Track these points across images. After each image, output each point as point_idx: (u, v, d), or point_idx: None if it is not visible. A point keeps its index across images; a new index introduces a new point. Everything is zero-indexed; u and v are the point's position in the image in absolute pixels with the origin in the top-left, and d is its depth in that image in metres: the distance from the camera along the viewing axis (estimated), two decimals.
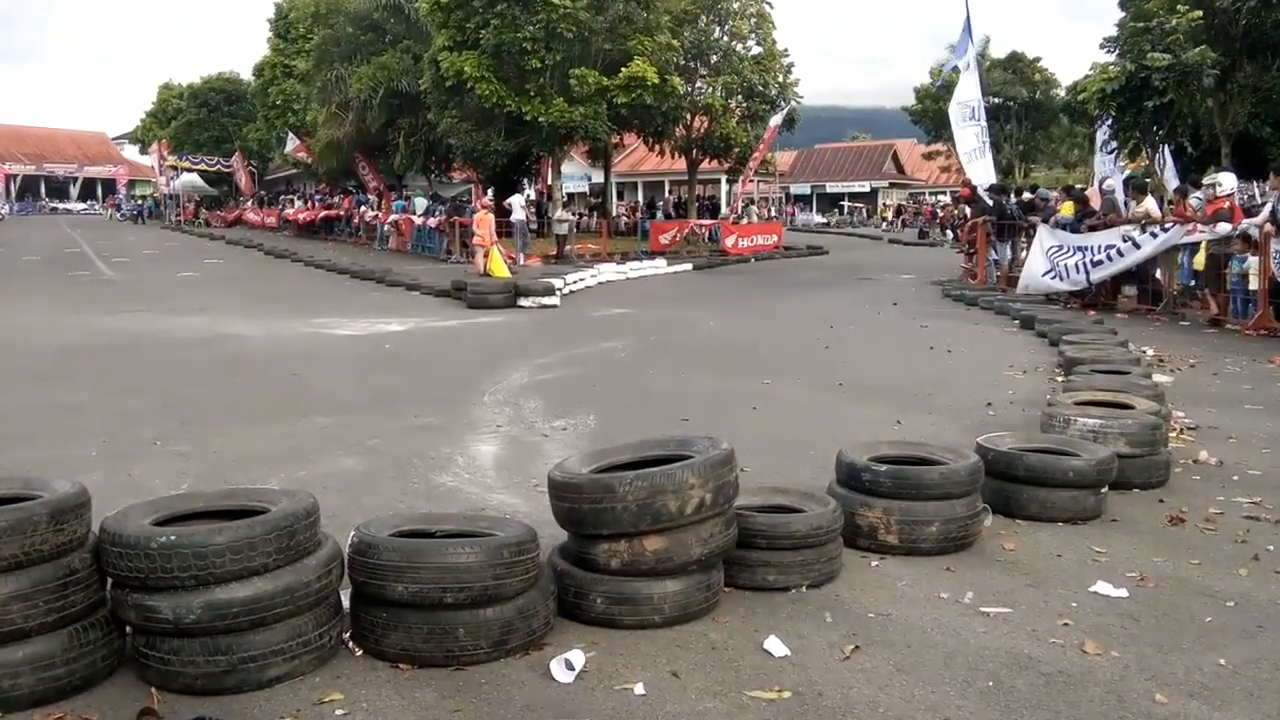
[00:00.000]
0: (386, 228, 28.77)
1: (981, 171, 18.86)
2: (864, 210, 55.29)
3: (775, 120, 27.31)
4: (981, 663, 3.48)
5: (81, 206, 64.60)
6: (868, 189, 57.00)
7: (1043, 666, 3.44)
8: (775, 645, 3.58)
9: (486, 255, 19.85)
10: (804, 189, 58.09)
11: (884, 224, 48.95)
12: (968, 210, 20.39)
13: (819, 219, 53.83)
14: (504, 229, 24.21)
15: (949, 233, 35.64)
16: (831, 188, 57.92)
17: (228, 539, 3.18)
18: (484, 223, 20.28)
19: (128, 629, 3.34)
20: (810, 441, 6.67)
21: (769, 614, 3.89)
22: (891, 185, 57.84)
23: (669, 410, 7.81)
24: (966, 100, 19.20)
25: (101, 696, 3.18)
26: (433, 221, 26.18)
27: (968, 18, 19.45)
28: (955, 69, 21.40)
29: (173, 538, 3.18)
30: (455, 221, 24.67)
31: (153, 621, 3.17)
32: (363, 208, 32.15)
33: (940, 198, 50.69)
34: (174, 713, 3.08)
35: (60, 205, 64.39)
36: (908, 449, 5.12)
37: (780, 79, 27.80)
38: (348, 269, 21.90)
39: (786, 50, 28.20)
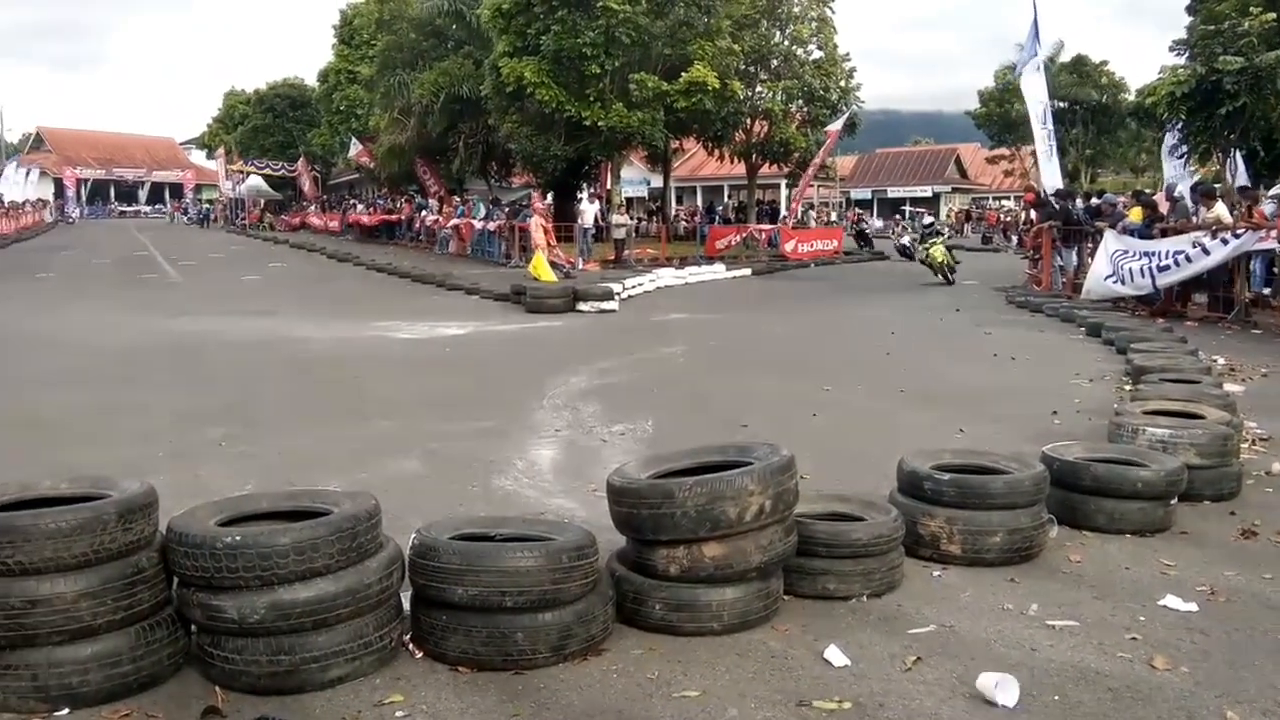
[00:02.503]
0: (447, 232, 29.12)
1: (1048, 175, 18.47)
2: (924, 215, 54.50)
3: (836, 125, 27.06)
4: (1047, 676, 3.39)
5: (149, 210, 66.39)
6: (929, 194, 56.17)
7: (1110, 681, 3.35)
8: (835, 655, 3.53)
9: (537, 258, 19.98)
10: (864, 194, 57.50)
11: (947, 230, 48.14)
12: (1033, 215, 19.98)
13: (879, 224, 53.24)
14: (565, 234, 24.38)
15: (1013, 238, 34.97)
16: (893, 192, 57.21)
17: (291, 540, 3.22)
18: (534, 227, 20.43)
19: (192, 627, 3.40)
20: (870, 449, 6.58)
21: (829, 623, 3.84)
22: (954, 190, 56.96)
23: (728, 416, 7.76)
24: (1035, 102, 18.84)
25: (167, 694, 3.23)
26: (492, 226, 26.44)
27: (1035, 20, 19.09)
28: (1020, 72, 20.98)
29: (238, 538, 3.22)
30: (514, 226, 24.89)
31: (217, 621, 3.22)
32: (423, 212, 32.58)
33: (1004, 203, 49.78)
34: (237, 711, 3.12)
35: (129, 209, 66.25)
36: (971, 457, 5.02)
37: (841, 83, 27.55)
38: (408, 273, 22.19)
39: (848, 54, 27.97)
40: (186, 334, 12.92)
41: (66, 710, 3.07)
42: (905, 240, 20.51)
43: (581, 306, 15.79)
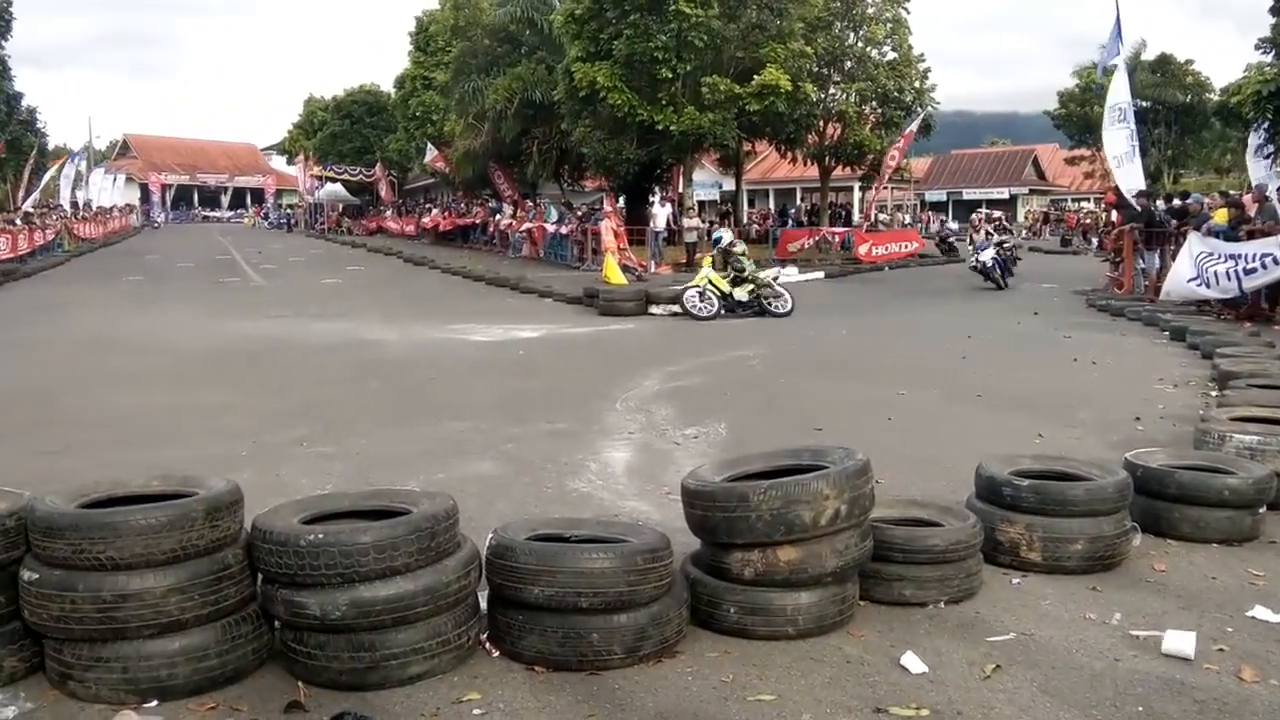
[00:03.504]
0: (519, 236, 29.44)
1: (1130, 176, 17.90)
2: (1004, 218, 53.19)
3: (911, 127, 26.60)
4: (1130, 687, 3.31)
5: (230, 215, 68.34)
6: (1006, 195, 54.88)
7: (1196, 693, 3.25)
8: (912, 661, 3.48)
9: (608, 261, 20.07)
10: (940, 195, 56.44)
11: (1024, 233, 46.89)
12: (1114, 216, 19.39)
13: (955, 226, 52.23)
14: (638, 237, 24.45)
15: (1093, 240, 34.01)
16: (969, 194, 56.01)
17: (372, 539, 3.28)
18: (605, 230, 20.53)
19: (276, 623, 3.48)
20: (946, 454, 6.47)
21: (906, 629, 3.79)
22: (1031, 192, 55.57)
23: (801, 419, 7.69)
24: (1116, 102, 18.27)
25: (251, 688, 3.32)
26: (564, 229, 26.65)
27: (1118, 19, 18.53)
28: (1106, 70, 20.38)
29: (320, 536, 3.29)
30: (586, 229, 25.04)
31: (300, 617, 3.29)
32: (497, 216, 32.98)
33: (1083, 204, 48.42)
34: (319, 706, 3.18)
35: (211, 214, 68.31)
36: (1051, 463, 4.93)
37: (916, 84, 27.09)
38: (482, 276, 22.50)
39: (923, 55, 27.49)
40: (268, 336, 13.28)
41: (155, 702, 3.17)
42: (986, 258, 19.63)
43: (654, 309, 15.82)
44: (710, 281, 15.34)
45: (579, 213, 28.49)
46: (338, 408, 8.51)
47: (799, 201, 44.04)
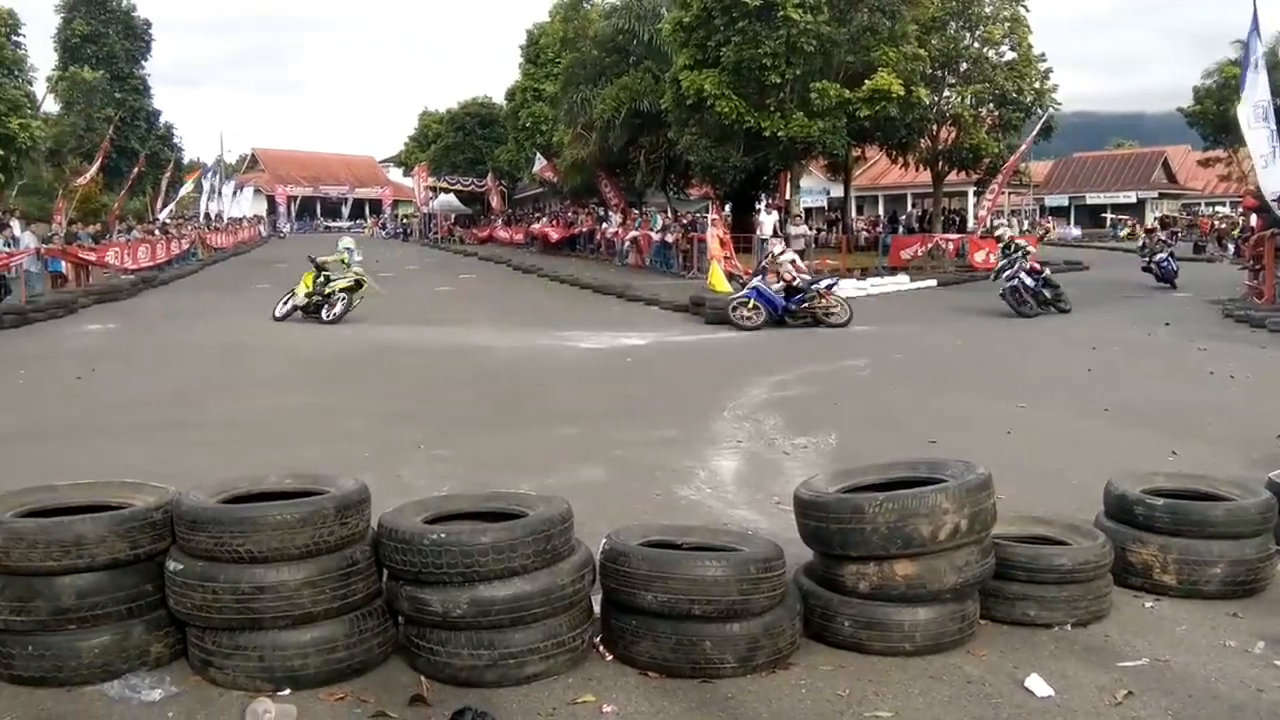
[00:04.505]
0: (626, 244, 29.67)
1: (1273, 179, 16.90)
2: (1128, 223, 50.88)
3: (1032, 129, 25.66)
4: None
5: (350, 225, 70.82)
6: (1134, 199, 52.51)
7: None
8: (1038, 684, 3.36)
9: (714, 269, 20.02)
10: (1061, 200, 54.38)
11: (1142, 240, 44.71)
12: (1254, 221, 18.34)
13: (1077, 232, 50.25)
14: (744, 245, 24.33)
15: (1229, 246, 32.23)
16: (1092, 198, 53.82)
17: (492, 540, 3.36)
18: (711, 238, 20.51)
19: (400, 619, 3.59)
20: (1072, 470, 6.24)
21: (1030, 651, 3.67)
22: (1161, 195, 53.00)
23: (914, 431, 7.53)
24: (1257, 101, 17.29)
25: (377, 680, 3.43)
26: (669, 237, 26.73)
27: (1255, 14, 17.55)
28: (1249, 67, 19.30)
29: (443, 535, 3.40)
30: (692, 237, 25.06)
31: (423, 613, 3.40)
32: (604, 224, 33.33)
33: (1218, 208, 45.93)
34: (440, 701, 3.27)
35: (332, 224, 70.96)
36: (1186, 481, 4.69)
37: (1036, 85, 26.17)
38: (589, 284, 22.75)
39: (1043, 54, 26.54)
40: (386, 341, 13.72)
41: (288, 690, 3.31)
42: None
43: None
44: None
45: (684, 220, 28.54)
46: (452, 411, 8.74)
47: (910, 207, 43.14)
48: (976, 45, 26.20)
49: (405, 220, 62.66)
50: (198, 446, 7.26)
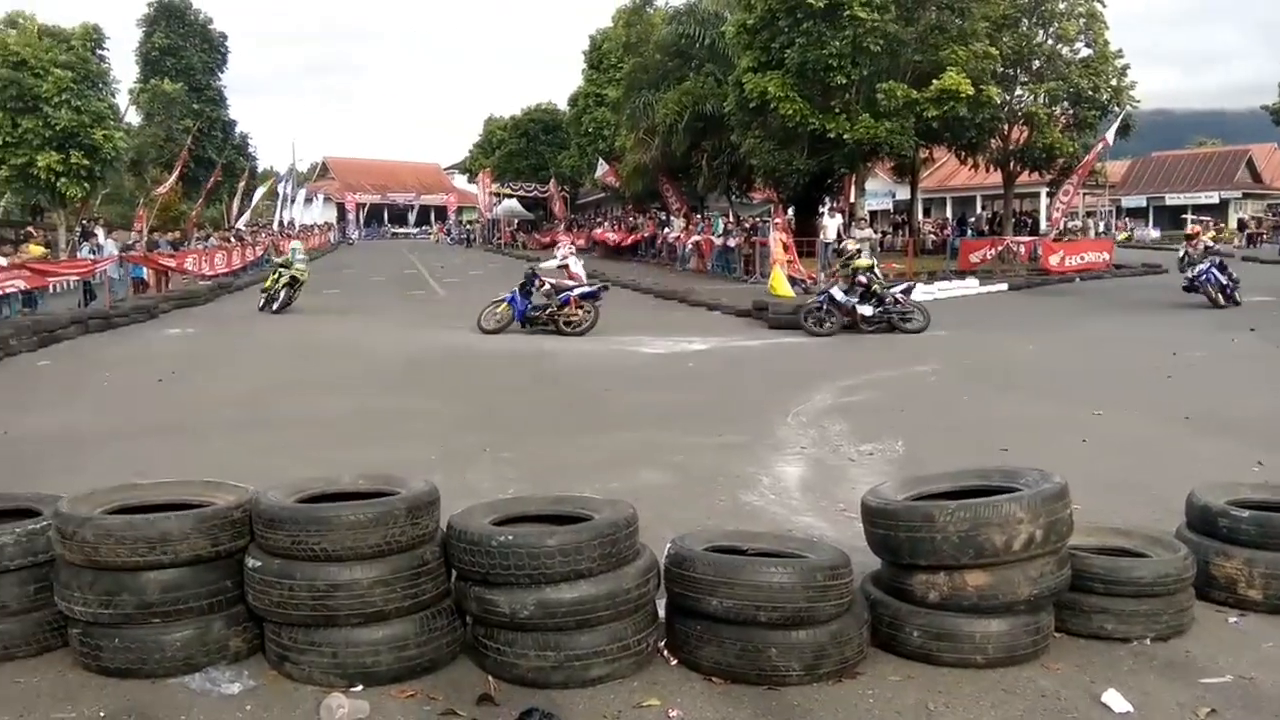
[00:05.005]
0: (688, 248, 29.64)
1: None
2: (1213, 223, 49.15)
3: (1111, 128, 24.93)
4: None
5: (416, 231, 71.98)
6: (1216, 200, 50.80)
7: None
8: (1115, 700, 3.28)
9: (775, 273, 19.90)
10: (1138, 201, 52.85)
11: (1236, 240, 43.19)
12: None
13: (1155, 234, 48.79)
14: (807, 249, 24.15)
15: None
16: (1171, 199, 52.21)
17: (558, 542, 3.39)
18: (773, 242, 20.39)
19: (467, 619, 3.64)
20: (1150, 480, 6.07)
21: (1107, 665, 3.58)
22: (1245, 196, 51.18)
23: (985, 438, 7.38)
24: None
25: (446, 679, 3.49)
26: (731, 242, 26.64)
27: None
28: None
29: (510, 538, 3.44)
30: (754, 241, 24.94)
31: (491, 614, 3.44)
32: (666, 229, 33.36)
33: None
34: (507, 701, 3.31)
35: (399, 230, 72.23)
36: (1273, 493, 4.51)
37: (1113, 82, 25.47)
38: (651, 289, 22.78)
39: (1120, 51, 25.81)
40: (451, 345, 13.92)
41: (361, 686, 3.38)
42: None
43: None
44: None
45: (746, 225, 28.42)
46: (516, 415, 8.83)
47: (979, 209, 42.33)
48: (1050, 42, 25.60)
49: (468, 226, 63.48)
50: (273, 446, 7.45)
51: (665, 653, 3.63)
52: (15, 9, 25.48)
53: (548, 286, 15.29)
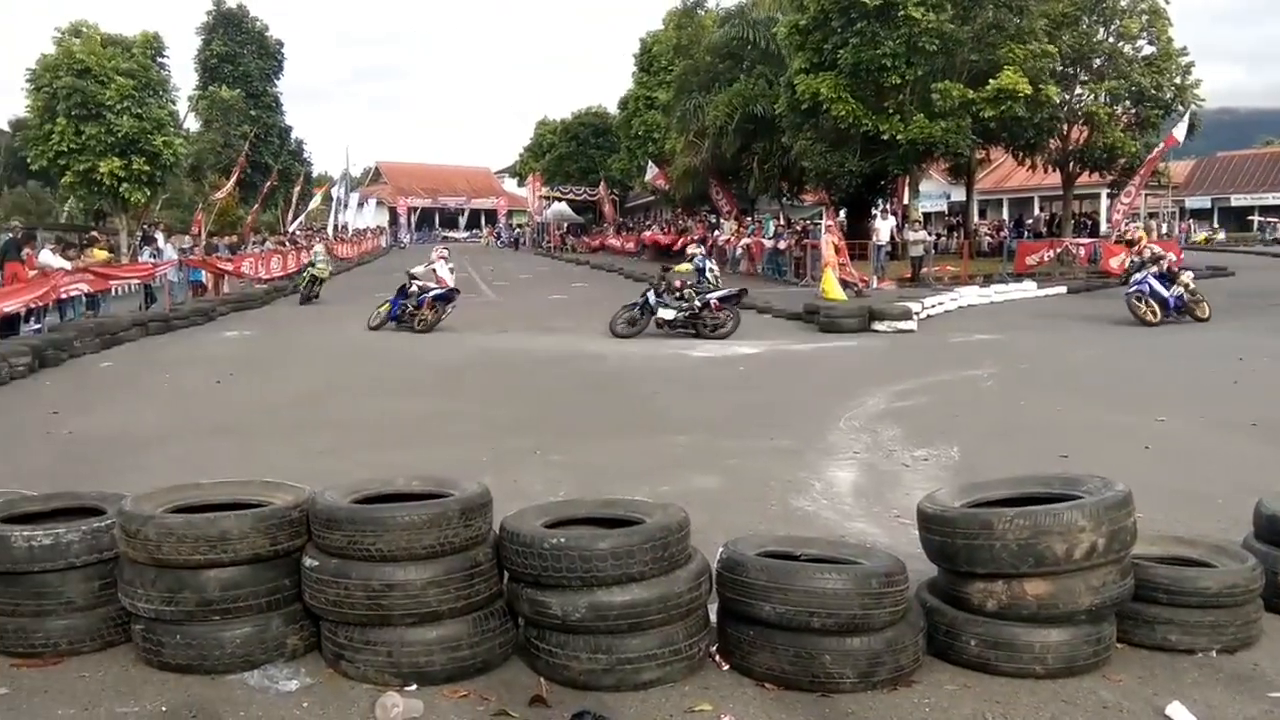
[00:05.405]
0: (738, 251, 29.54)
1: None
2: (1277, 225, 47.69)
3: (1179, 129, 24.29)
4: None
5: (466, 235, 72.62)
6: None
7: None
8: (1180, 713, 3.19)
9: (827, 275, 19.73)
10: (1203, 202, 51.49)
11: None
12: None
13: (1220, 236, 47.48)
14: (860, 251, 23.94)
15: None
16: (1237, 200, 50.81)
17: (610, 545, 3.39)
18: (825, 244, 20.25)
19: (519, 620, 3.65)
20: (1215, 488, 5.91)
21: (1171, 677, 3.49)
22: None
23: (1043, 445, 7.24)
24: None
25: (498, 680, 3.50)
26: (782, 244, 26.49)
27: None
28: None
29: (562, 540, 3.44)
30: (805, 244, 24.77)
31: (543, 616, 3.45)
32: (715, 232, 33.28)
33: None
34: (559, 703, 3.31)
35: (450, 234, 72.92)
36: None
37: (1177, 80, 24.85)
38: None
39: (1184, 48, 25.18)
40: (502, 349, 14.02)
41: (414, 686, 3.41)
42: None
43: (877, 326, 15.37)
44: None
45: (797, 227, 28.23)
46: (566, 418, 8.85)
47: (1037, 211, 41.60)
48: (1111, 40, 25.08)
49: (518, 229, 63.92)
50: (328, 447, 7.56)
51: (717, 658, 3.61)
52: (79, 19, 26.12)
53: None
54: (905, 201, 26.91)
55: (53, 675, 3.55)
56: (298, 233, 38.46)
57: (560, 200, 53.49)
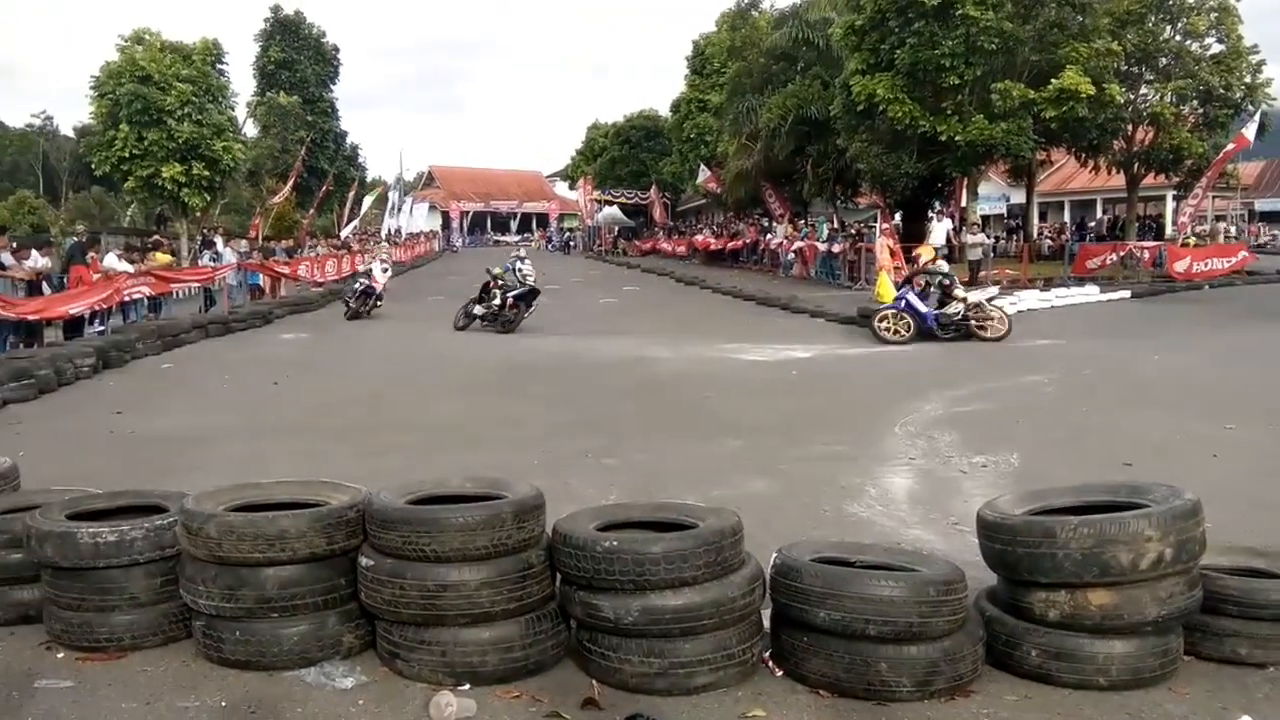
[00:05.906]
0: (791, 255, 29.35)
1: None
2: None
3: (1249, 130, 23.52)
4: None
5: (518, 239, 73.05)
6: None
7: None
8: None
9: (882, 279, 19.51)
10: (1273, 205, 49.93)
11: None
12: None
13: None
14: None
15: None
16: None
17: (663, 549, 3.38)
18: (880, 248, 20.03)
19: (572, 623, 3.66)
20: None
21: (1240, 692, 3.39)
22: None
23: (1106, 452, 7.07)
24: None
25: (550, 681, 3.51)
26: (835, 248, 26.26)
27: None
28: None
29: (615, 543, 3.44)
30: (860, 247, 24.52)
31: (595, 619, 3.45)
32: (768, 235, 33.09)
33: None
34: (612, 706, 3.31)
35: (502, 238, 73.40)
36: None
37: (1247, 79, 24.10)
38: (753, 295, 22.58)
39: (1255, 46, 24.41)
40: (553, 352, 14.07)
41: (468, 686, 3.43)
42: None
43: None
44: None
45: (851, 230, 27.95)
46: (618, 421, 8.85)
47: (1099, 213, 40.67)
48: (1178, 38, 24.41)
49: (569, 233, 64.17)
50: (382, 447, 7.65)
51: (770, 663, 3.57)
52: (142, 27, 26.76)
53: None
54: (964, 204, 26.46)
55: (116, 669, 3.64)
56: (351, 237, 39.02)
57: (611, 204, 53.57)
